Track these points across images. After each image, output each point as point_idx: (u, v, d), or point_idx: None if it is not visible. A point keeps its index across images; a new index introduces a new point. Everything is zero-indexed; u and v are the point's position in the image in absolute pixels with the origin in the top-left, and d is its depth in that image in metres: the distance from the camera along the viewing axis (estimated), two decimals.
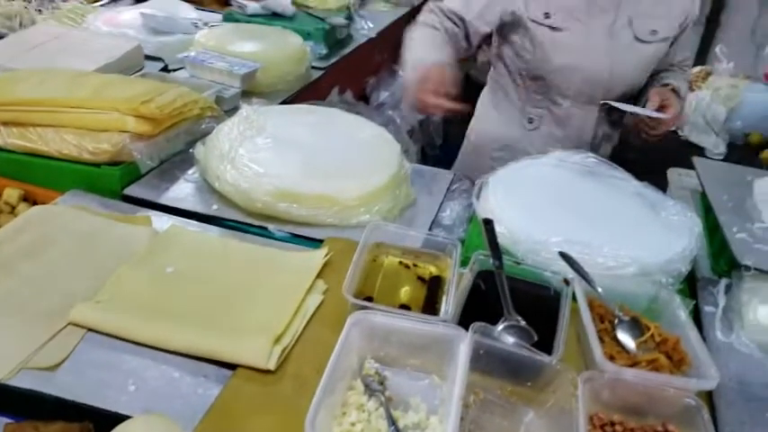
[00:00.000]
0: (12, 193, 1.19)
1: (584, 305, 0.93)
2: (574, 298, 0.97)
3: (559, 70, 1.49)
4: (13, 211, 1.19)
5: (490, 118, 1.71)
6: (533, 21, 1.48)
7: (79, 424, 0.77)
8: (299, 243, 1.13)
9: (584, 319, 0.91)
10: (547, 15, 1.46)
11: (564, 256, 1.01)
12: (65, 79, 1.33)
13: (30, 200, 1.21)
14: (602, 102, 1.51)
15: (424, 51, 1.44)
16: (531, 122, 1.60)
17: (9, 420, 0.78)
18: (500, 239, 1.04)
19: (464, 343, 0.82)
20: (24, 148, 1.23)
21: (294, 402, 0.80)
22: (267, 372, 0.84)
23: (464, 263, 1.03)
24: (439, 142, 2.64)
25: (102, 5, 2.28)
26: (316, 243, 1.13)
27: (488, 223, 1.05)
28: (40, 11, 2.15)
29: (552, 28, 1.46)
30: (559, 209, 1.15)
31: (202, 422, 0.77)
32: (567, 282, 0.99)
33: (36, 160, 1.23)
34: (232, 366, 0.86)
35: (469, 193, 1.28)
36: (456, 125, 1.90)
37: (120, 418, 0.78)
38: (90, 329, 0.89)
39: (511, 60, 1.58)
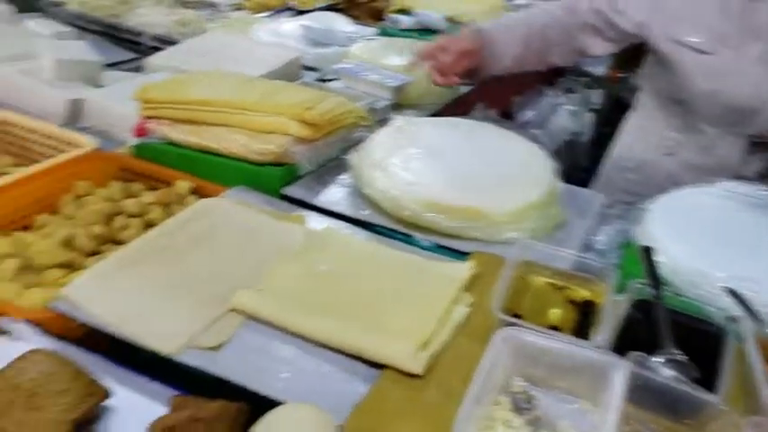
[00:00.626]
0: (183, 185, 1.29)
1: (752, 345, 0.87)
2: (739, 337, 0.91)
3: (701, 95, 1.42)
4: (182, 201, 1.28)
5: (630, 140, 1.66)
6: (676, 41, 1.42)
7: (237, 404, 0.81)
8: (444, 254, 1.14)
9: (752, 360, 0.85)
10: (692, 36, 1.40)
11: (731, 292, 0.95)
12: (236, 83, 1.42)
13: (197, 193, 1.30)
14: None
15: (493, 22, 1.54)
16: (668, 147, 1.53)
17: (176, 393, 0.84)
18: (659, 269, 0.99)
19: (621, 371, 0.79)
20: (197, 145, 1.33)
21: (440, 410, 0.81)
22: (414, 376, 0.85)
23: (618, 290, 0.99)
24: (585, 164, 2.57)
25: (265, 17, 2.42)
26: (460, 255, 1.13)
27: (648, 251, 1.01)
28: (210, 20, 2.32)
29: (697, 50, 1.39)
30: (726, 241, 1.08)
31: (351, 418, 0.79)
32: (733, 319, 0.93)
33: (206, 157, 1.32)
34: (380, 366, 0.87)
35: (624, 218, 1.24)
36: (604, 149, 1.86)
37: (273, 403, 0.81)
38: (249, 316, 0.94)
39: (653, 80, 1.54)
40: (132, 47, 2.17)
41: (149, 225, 1.23)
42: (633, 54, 1.65)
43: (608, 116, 3.12)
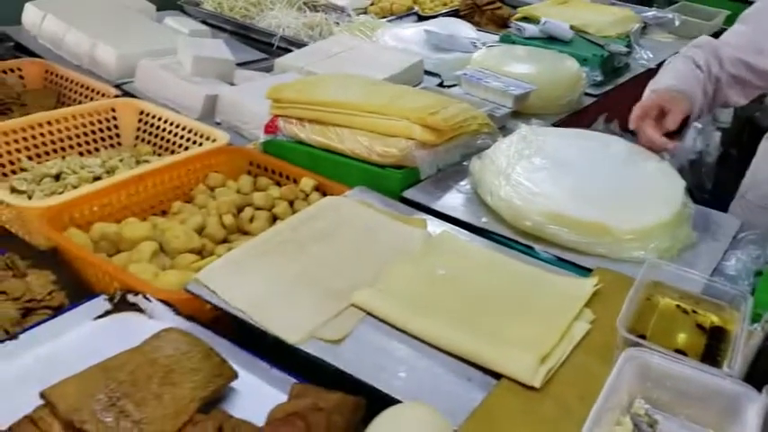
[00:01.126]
0: (307, 182, 1.34)
1: None
2: None
3: None
4: (306, 198, 1.33)
5: (766, 165, 1.55)
6: None
7: (354, 397, 0.83)
8: (564, 268, 1.12)
9: None
10: None
11: None
12: (362, 86, 1.46)
13: (320, 190, 1.34)
14: None
15: (673, 78, 1.41)
16: None
17: (296, 381, 0.87)
18: None
19: (756, 404, 0.75)
20: (322, 144, 1.37)
21: (556, 425, 0.80)
22: (531, 388, 0.84)
23: (751, 319, 0.94)
24: (709, 186, 2.46)
25: (389, 21, 2.46)
26: (581, 271, 1.10)
27: None
28: (337, 23, 2.39)
29: None
30: None
31: (466, 423, 0.79)
32: None
33: (330, 156, 1.36)
34: (495, 375, 0.87)
35: (759, 245, 1.17)
36: (731, 170, 1.75)
37: (389, 401, 0.83)
38: (368, 313, 0.96)
39: None
40: (261, 47, 2.26)
41: (275, 218, 1.29)
42: None
43: (736, 136, 2.95)
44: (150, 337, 0.89)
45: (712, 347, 0.91)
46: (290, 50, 2.11)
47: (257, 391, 0.89)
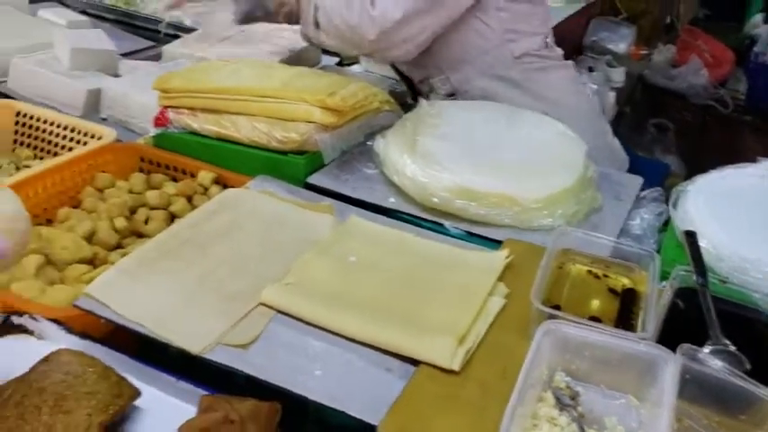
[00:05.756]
0: (205, 175, 1.26)
1: None
2: None
3: None
4: (205, 192, 1.25)
5: None
6: None
7: (269, 403, 0.79)
8: (475, 242, 1.10)
9: None
10: None
11: None
12: (256, 69, 1.38)
13: (220, 183, 1.27)
14: None
15: None
16: None
17: (205, 392, 0.81)
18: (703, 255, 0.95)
19: (671, 365, 0.75)
20: (218, 134, 1.29)
21: (480, 407, 0.78)
22: (451, 372, 0.82)
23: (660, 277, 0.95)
24: None
25: None
26: (492, 243, 1.09)
27: (692, 236, 0.97)
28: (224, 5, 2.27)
29: None
30: None
31: (389, 415, 0.76)
32: None
33: (228, 146, 1.29)
34: (415, 362, 0.84)
35: (661, 201, 1.20)
36: (627, 127, 1.80)
37: (306, 402, 0.79)
38: (279, 311, 0.91)
39: None
40: (148, 35, 2.13)
41: (173, 217, 1.21)
42: (654, 32, 1.59)
43: (629, 94, 3.05)
44: (38, 363, 0.80)
45: (626, 310, 0.92)
46: (178, 37, 1.99)
47: (164, 407, 0.83)
